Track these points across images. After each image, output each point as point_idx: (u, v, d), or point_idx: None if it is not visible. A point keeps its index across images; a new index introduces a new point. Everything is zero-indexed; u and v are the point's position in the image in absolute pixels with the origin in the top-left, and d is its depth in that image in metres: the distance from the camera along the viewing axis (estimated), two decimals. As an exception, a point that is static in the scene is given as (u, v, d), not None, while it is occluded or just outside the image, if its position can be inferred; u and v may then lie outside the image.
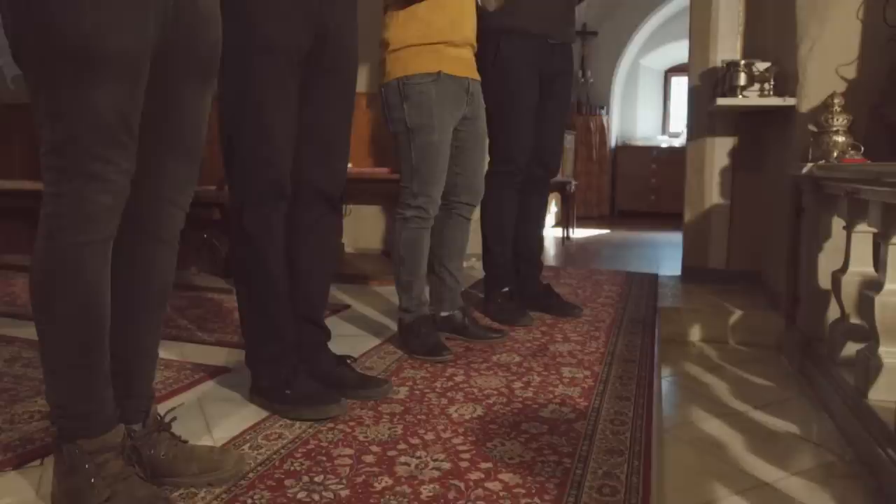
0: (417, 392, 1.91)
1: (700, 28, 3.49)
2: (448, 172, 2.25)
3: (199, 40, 1.26)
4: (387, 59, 2.17)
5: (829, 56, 2.73)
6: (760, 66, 2.97)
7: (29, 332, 1.17)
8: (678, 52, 7.67)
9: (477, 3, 2.33)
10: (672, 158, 7.75)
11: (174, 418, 1.41)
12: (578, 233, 6.28)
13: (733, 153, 3.52)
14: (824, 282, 2.40)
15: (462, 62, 2.21)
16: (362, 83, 1.86)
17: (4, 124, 4.19)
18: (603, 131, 8.07)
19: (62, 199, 1.11)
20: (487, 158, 2.42)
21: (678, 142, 8.10)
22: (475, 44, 2.27)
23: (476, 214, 2.53)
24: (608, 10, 7.63)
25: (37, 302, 1.16)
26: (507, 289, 2.77)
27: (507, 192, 2.65)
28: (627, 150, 8.44)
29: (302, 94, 1.69)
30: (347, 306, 3.03)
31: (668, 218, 7.02)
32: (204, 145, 1.34)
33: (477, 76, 2.29)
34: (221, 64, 1.35)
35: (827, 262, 2.42)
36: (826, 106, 2.51)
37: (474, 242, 2.79)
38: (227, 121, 1.68)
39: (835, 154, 2.43)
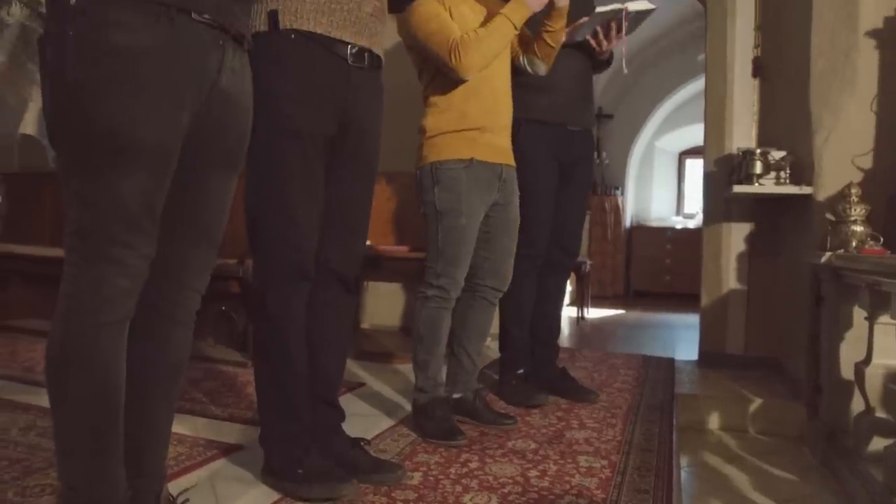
0: (431, 478, 1.87)
1: (715, 115, 3.56)
2: (476, 257, 2.29)
3: (228, 131, 1.30)
4: (423, 144, 2.24)
5: (845, 146, 2.78)
6: (776, 154, 3.02)
7: (45, 399, 1.17)
8: (692, 135, 7.81)
9: (526, 69, 2.42)
10: (687, 239, 7.76)
11: (186, 500, 1.39)
12: (593, 313, 6.24)
13: (750, 238, 3.53)
14: (847, 372, 2.37)
15: (495, 149, 2.27)
16: (383, 162, 1.90)
17: (37, 191, 4.29)
18: (618, 211, 8.14)
19: (81, 281, 1.13)
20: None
21: (693, 223, 8.13)
22: (511, 129, 2.35)
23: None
24: (623, 94, 7.82)
25: (51, 381, 1.16)
26: (522, 371, 2.75)
27: (527, 274, 2.67)
28: (642, 231, 8.47)
29: (324, 178, 1.73)
30: (363, 384, 3.01)
31: (683, 299, 6.98)
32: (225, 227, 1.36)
33: (512, 162, 2.35)
34: (248, 147, 1.39)
35: (849, 353, 2.39)
36: (843, 195, 2.53)
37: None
38: (252, 204, 1.71)
39: (853, 244, 2.43)
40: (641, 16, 2.52)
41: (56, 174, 1.21)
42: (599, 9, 2.49)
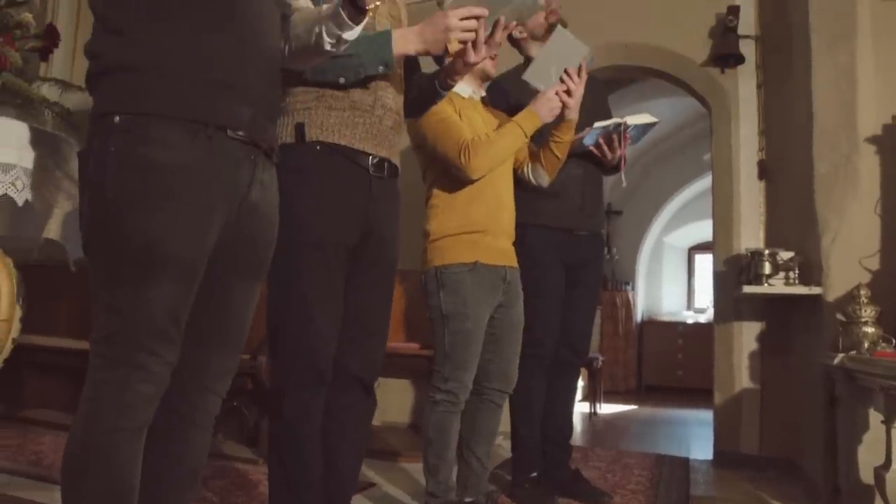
0: (442, 585, 1.81)
1: (723, 216, 3.63)
2: (481, 359, 2.28)
3: (255, 242, 1.33)
4: (427, 248, 2.27)
5: (852, 248, 2.81)
6: (784, 255, 3.06)
7: (52, 496, 1.16)
8: (701, 231, 7.89)
9: (530, 180, 2.48)
10: (698, 334, 7.72)
11: None
12: (605, 408, 6.15)
13: (761, 337, 3.52)
14: (866, 476, 2.31)
15: (499, 252, 2.31)
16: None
17: (55, 283, 4.35)
18: (629, 307, 8.14)
19: (105, 386, 1.15)
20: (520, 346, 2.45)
21: (704, 318, 8.10)
22: (513, 233, 2.39)
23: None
24: (632, 191, 7.98)
25: (66, 482, 1.16)
26: (534, 474, 2.69)
27: (536, 374, 2.65)
28: (653, 326, 8.45)
29: (344, 284, 1.76)
30: (373, 484, 2.95)
31: (695, 394, 6.87)
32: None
33: (515, 264, 2.38)
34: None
35: (867, 456, 2.34)
36: (853, 296, 2.55)
37: (503, 421, 2.75)
38: (273, 310, 1.73)
39: (866, 345, 2.43)
40: (645, 128, 2.59)
41: (73, 273, 1.25)
42: (598, 123, 2.55)
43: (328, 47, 1.42)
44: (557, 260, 2.67)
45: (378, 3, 1.38)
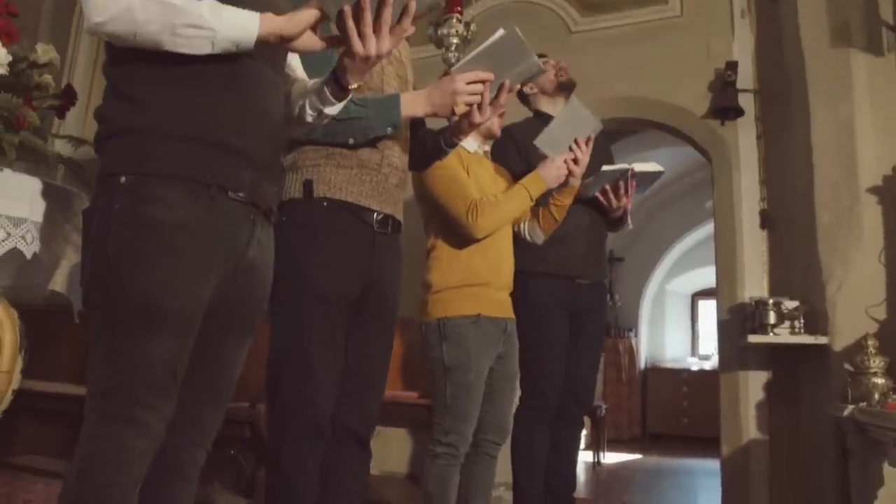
0: None
1: (726, 265, 3.64)
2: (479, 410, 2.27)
3: (249, 299, 1.35)
4: (428, 299, 2.27)
5: (857, 297, 2.82)
6: (789, 304, 3.06)
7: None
8: (704, 277, 7.91)
9: (525, 237, 2.49)
10: (703, 381, 7.66)
11: None
12: (610, 457, 6.06)
13: (768, 387, 3.49)
14: (883, 534, 2.27)
15: (500, 304, 2.31)
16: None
17: (55, 328, 4.34)
18: (632, 353, 8.10)
19: (101, 441, 1.15)
20: (517, 396, 2.43)
21: (709, 364, 8.05)
22: (512, 285, 2.39)
23: (506, 446, 2.49)
24: (634, 238, 8.02)
25: None
26: None
27: (538, 426, 2.62)
28: (657, 373, 8.39)
29: (345, 337, 1.76)
30: (373, 538, 2.89)
31: (701, 442, 6.78)
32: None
33: (513, 315, 2.38)
34: (273, 308, 1.44)
35: (882, 512, 2.31)
36: (860, 346, 2.55)
37: (505, 471, 2.72)
38: (274, 361, 1.73)
39: (876, 397, 2.41)
40: (651, 177, 2.61)
41: (75, 322, 1.26)
42: (605, 167, 2.58)
43: (309, 119, 1.46)
44: (561, 309, 2.66)
45: (360, 84, 1.42)
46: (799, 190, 3.23)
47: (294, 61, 1.54)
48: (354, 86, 1.40)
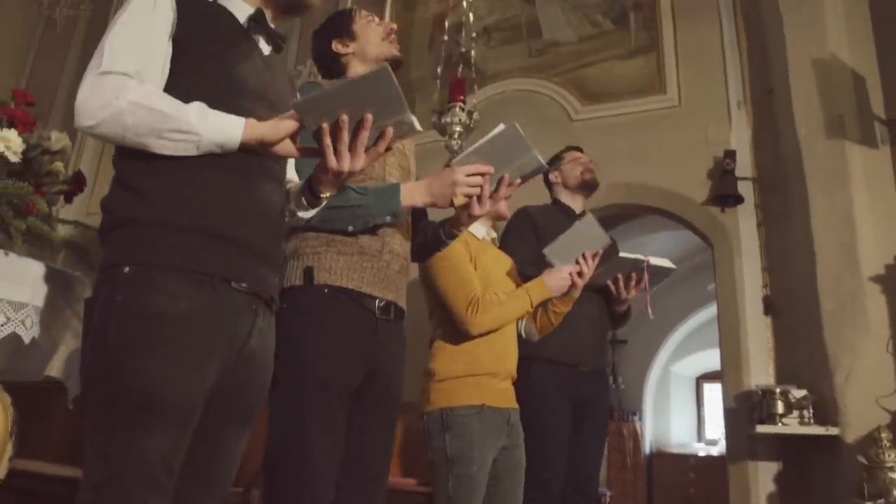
0: None
1: (730, 351, 3.60)
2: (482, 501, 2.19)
3: (249, 389, 1.33)
4: (431, 388, 2.23)
5: (866, 386, 2.78)
6: (797, 393, 3.01)
7: None
8: (708, 360, 7.81)
9: (520, 334, 2.47)
10: (711, 466, 7.45)
11: None
12: (617, 550, 5.83)
13: (779, 478, 3.39)
14: None
15: (504, 394, 2.27)
16: None
17: (46, 405, 4.25)
18: (637, 438, 7.91)
19: None
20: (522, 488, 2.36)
21: (716, 450, 7.85)
22: (515, 375, 2.36)
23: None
24: (637, 320, 7.95)
25: None
26: None
27: (541, 519, 2.54)
28: (663, 458, 8.16)
29: (346, 425, 1.73)
30: None
31: (712, 534, 6.54)
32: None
33: (516, 406, 2.34)
34: (272, 394, 1.41)
35: None
36: (874, 439, 2.49)
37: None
38: (272, 447, 1.69)
39: (894, 493, 2.34)
40: (663, 273, 2.60)
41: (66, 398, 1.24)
42: (622, 254, 2.56)
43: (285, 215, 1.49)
44: (563, 397, 2.61)
45: (330, 193, 1.46)
46: (801, 277, 3.23)
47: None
48: (326, 195, 1.44)
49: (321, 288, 1.71)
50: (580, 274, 2.29)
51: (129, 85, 1.20)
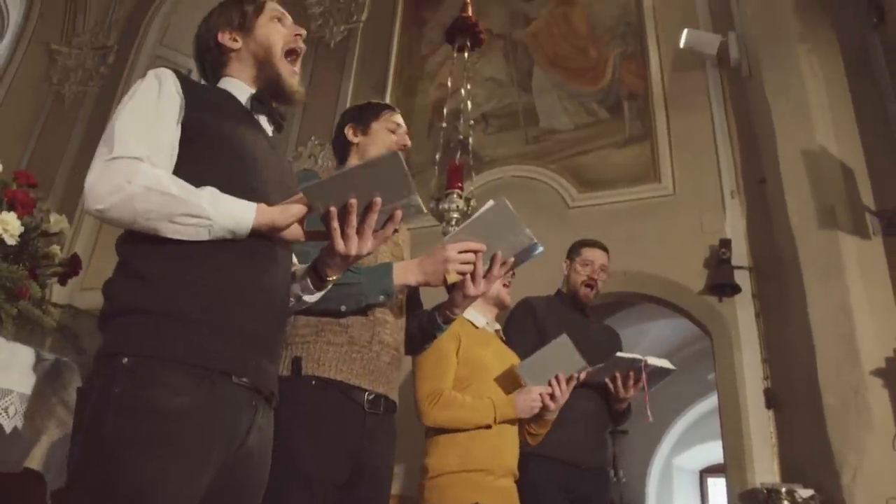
0: None
1: (733, 447, 3.50)
2: None
3: (247, 487, 1.28)
4: (426, 485, 2.15)
5: (875, 486, 2.71)
6: (803, 493, 2.91)
7: None
8: (711, 452, 7.60)
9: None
10: (718, 568, 7.14)
11: None
12: None
13: (789, 581, 3.24)
14: None
15: (500, 491, 2.18)
16: (394, 485, 1.84)
17: (22, 496, 4.10)
18: (640, 534, 7.62)
19: None
20: None
21: (722, 548, 7.55)
22: (517, 472, 2.27)
23: None
24: (637, 410, 7.83)
25: None
26: None
27: None
28: (667, 555, 7.84)
29: None
30: None
31: None
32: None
33: (517, 501, 2.25)
34: None
35: None
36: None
37: None
38: None
39: None
40: (662, 374, 2.56)
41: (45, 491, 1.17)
42: (619, 354, 2.52)
43: (289, 303, 1.47)
44: (561, 493, 2.52)
45: (336, 277, 1.45)
46: (801, 369, 3.19)
47: None
48: (332, 278, 1.43)
49: (308, 379, 1.68)
50: (552, 397, 2.23)
51: (140, 169, 1.19)
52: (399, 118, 2.00)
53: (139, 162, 1.20)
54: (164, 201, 1.18)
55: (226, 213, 1.22)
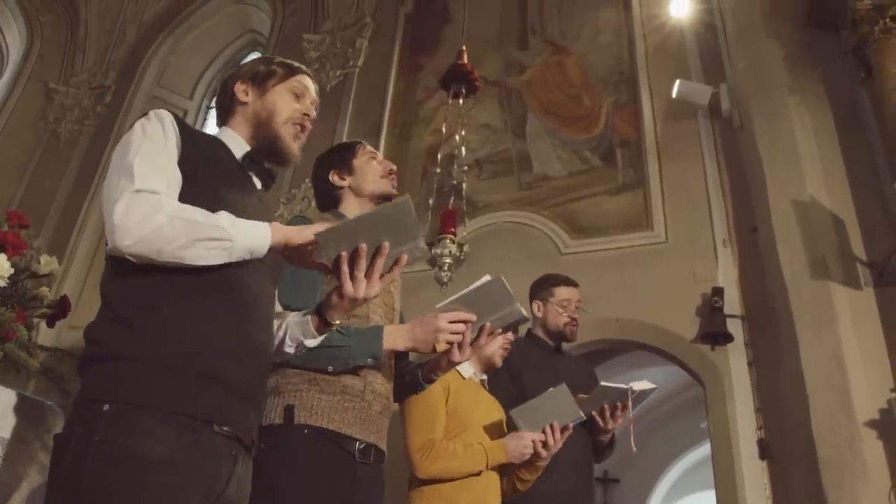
0: None
1: (727, 499, 3.46)
2: None
3: None
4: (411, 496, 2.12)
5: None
6: (800, 546, 2.86)
7: None
8: (706, 502, 7.49)
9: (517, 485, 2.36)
10: None
11: None
12: None
13: None
14: None
15: None
16: None
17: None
18: (633, 587, 7.46)
19: None
20: None
21: None
22: None
23: None
24: (629, 458, 7.73)
25: None
26: None
27: None
28: None
29: None
30: None
31: None
32: None
33: None
34: None
35: None
36: None
37: None
38: None
39: None
40: (645, 395, 2.55)
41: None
42: (604, 384, 2.48)
43: (288, 350, 1.48)
44: None
45: (340, 321, 1.47)
46: (795, 420, 3.16)
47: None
48: (337, 322, 1.45)
49: (301, 428, 1.66)
50: (545, 444, 2.21)
51: (163, 200, 1.21)
52: (370, 147, 2.03)
53: (160, 196, 1.22)
54: (188, 228, 1.20)
55: (245, 232, 1.25)
